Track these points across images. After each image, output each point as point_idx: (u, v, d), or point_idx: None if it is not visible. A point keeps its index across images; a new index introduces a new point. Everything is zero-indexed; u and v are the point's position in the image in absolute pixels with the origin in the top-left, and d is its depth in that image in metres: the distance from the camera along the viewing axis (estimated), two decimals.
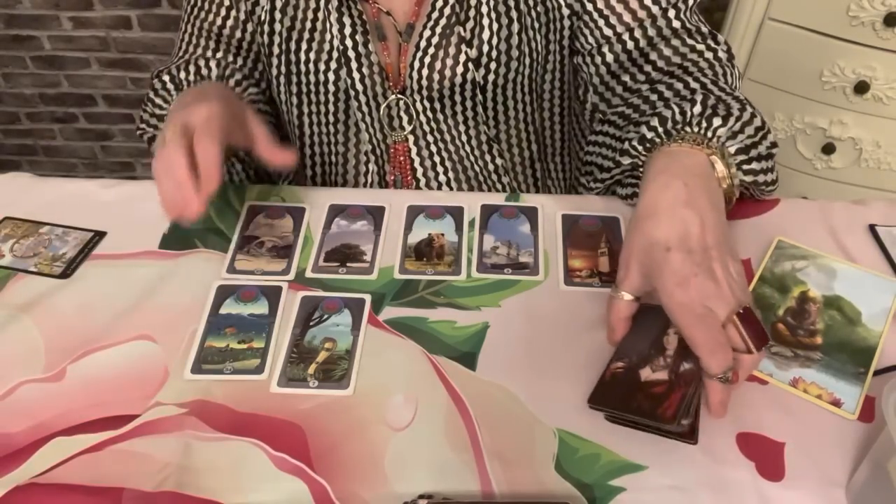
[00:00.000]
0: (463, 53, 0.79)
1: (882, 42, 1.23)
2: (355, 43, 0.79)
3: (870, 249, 0.72)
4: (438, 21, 0.79)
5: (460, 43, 0.79)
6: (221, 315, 0.66)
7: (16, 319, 0.65)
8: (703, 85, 0.70)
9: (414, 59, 0.80)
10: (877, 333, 0.64)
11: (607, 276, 0.69)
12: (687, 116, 0.64)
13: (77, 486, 0.54)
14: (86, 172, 2.18)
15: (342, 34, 0.79)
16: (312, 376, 0.61)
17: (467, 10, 0.78)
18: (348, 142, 0.87)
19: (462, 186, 0.88)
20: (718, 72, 0.73)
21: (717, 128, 0.63)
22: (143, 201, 0.77)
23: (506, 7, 0.79)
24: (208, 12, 0.84)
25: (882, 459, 0.49)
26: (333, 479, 0.54)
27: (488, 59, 0.80)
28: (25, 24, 1.84)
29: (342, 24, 0.79)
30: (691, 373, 0.55)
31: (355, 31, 0.79)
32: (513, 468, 0.55)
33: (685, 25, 0.76)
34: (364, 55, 0.80)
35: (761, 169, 0.65)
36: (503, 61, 0.81)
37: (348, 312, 0.66)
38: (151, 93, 0.84)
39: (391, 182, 0.88)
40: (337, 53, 0.80)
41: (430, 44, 0.79)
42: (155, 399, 0.59)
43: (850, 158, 1.37)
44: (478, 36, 0.79)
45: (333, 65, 0.81)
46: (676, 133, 0.64)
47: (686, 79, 0.72)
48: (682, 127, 0.64)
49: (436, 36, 0.79)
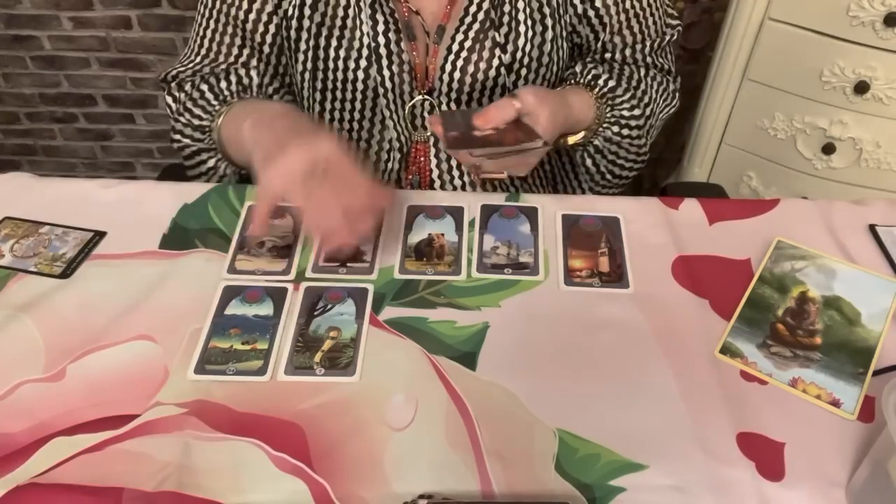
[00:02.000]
0: (496, 58, 0.80)
1: (882, 42, 1.23)
2: (387, 40, 0.79)
3: (870, 249, 0.72)
4: (472, 25, 0.79)
5: (494, 48, 0.80)
6: (227, 316, 0.66)
7: (16, 319, 0.65)
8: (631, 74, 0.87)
9: (445, 61, 0.80)
10: (876, 334, 0.64)
11: (607, 277, 0.69)
12: (600, 80, 0.85)
13: (77, 486, 0.54)
14: (86, 172, 2.18)
15: (374, 31, 0.79)
16: (319, 364, 0.61)
17: (501, 15, 0.79)
18: (371, 139, 0.86)
19: (476, 190, 0.89)
20: (657, 79, 0.90)
21: (609, 88, 0.85)
22: (143, 201, 0.77)
23: (541, 14, 0.80)
24: (238, 8, 0.81)
25: (882, 459, 0.49)
26: (333, 479, 0.54)
27: (520, 66, 0.81)
28: (25, 24, 1.84)
29: (375, 20, 0.78)
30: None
31: (388, 29, 0.79)
32: (513, 468, 0.55)
33: (655, 61, 0.91)
34: (395, 53, 0.80)
35: (619, 132, 0.86)
36: (534, 67, 0.82)
37: (352, 302, 0.67)
38: (188, 101, 0.82)
39: (408, 182, 0.88)
40: (367, 51, 0.79)
41: (462, 47, 0.80)
42: (155, 399, 0.59)
43: (850, 158, 1.37)
44: (513, 42, 0.80)
45: (363, 62, 0.80)
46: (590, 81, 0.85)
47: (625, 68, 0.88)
48: (591, 80, 0.85)
49: (469, 40, 0.80)
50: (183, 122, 0.83)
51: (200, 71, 0.84)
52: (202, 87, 0.81)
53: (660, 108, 0.92)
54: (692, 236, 0.74)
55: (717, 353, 0.63)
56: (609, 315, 0.66)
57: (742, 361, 0.62)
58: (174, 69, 0.85)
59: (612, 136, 0.86)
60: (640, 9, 0.85)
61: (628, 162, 0.89)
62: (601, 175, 0.91)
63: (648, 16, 0.87)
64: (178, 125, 0.84)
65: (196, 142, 0.83)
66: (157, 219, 0.75)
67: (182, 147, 0.84)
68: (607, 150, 0.87)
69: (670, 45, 0.92)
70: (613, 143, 0.87)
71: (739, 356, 0.63)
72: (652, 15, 0.87)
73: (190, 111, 0.82)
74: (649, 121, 0.89)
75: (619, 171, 0.90)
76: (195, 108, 0.81)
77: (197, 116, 0.81)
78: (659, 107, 0.92)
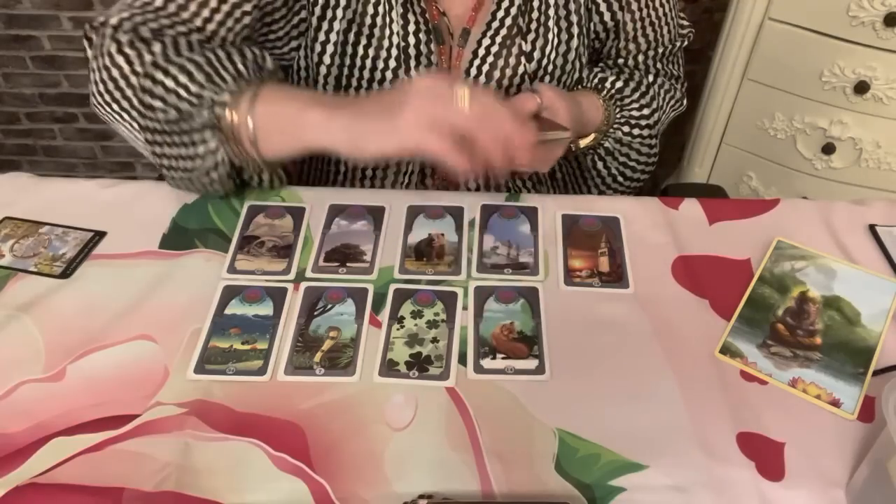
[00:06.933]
0: (522, 66, 0.80)
1: (882, 42, 1.23)
2: (417, 41, 0.79)
3: (870, 249, 0.72)
4: (499, 31, 0.79)
5: (520, 55, 0.80)
6: (227, 315, 0.66)
7: (16, 319, 0.65)
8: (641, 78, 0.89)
9: (470, 65, 0.80)
10: (876, 334, 0.64)
11: (607, 276, 0.69)
12: (607, 82, 0.87)
13: (77, 486, 0.54)
14: (86, 172, 2.18)
15: (405, 31, 0.78)
16: (318, 364, 0.61)
17: (529, 22, 0.79)
18: None
19: (501, 191, 0.89)
20: (664, 86, 0.91)
21: (617, 89, 0.87)
22: (143, 201, 0.77)
23: (568, 22, 0.81)
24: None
25: (882, 459, 0.49)
26: (333, 479, 0.54)
27: (544, 73, 0.82)
28: (25, 24, 1.84)
29: (406, 20, 0.78)
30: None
31: (419, 30, 0.79)
32: (513, 468, 0.55)
33: (664, 68, 0.93)
34: (424, 55, 0.79)
35: (629, 133, 0.88)
36: (557, 75, 0.83)
37: (352, 302, 0.67)
38: (186, 63, 0.69)
39: (435, 183, 0.88)
40: (397, 51, 0.79)
41: (488, 52, 0.80)
42: (155, 399, 0.59)
43: (850, 158, 1.37)
44: (540, 49, 0.81)
45: (392, 63, 0.80)
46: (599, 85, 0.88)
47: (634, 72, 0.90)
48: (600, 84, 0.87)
49: (495, 45, 0.80)
50: (162, 83, 0.69)
51: (173, 27, 0.73)
52: (209, 55, 0.71)
53: (666, 113, 0.93)
54: (692, 236, 0.74)
55: (717, 353, 0.63)
56: (609, 315, 0.66)
57: (742, 361, 0.62)
58: (126, 12, 0.73)
59: (622, 137, 0.86)
60: (655, 17, 0.86)
61: (640, 164, 0.90)
62: (612, 178, 0.91)
63: (664, 24, 0.88)
64: (146, 82, 0.70)
65: (183, 111, 0.69)
66: (156, 219, 0.75)
67: (154, 110, 0.70)
68: (618, 151, 0.88)
69: (681, 51, 0.93)
70: (624, 143, 0.87)
71: (739, 356, 0.63)
72: (667, 24, 0.88)
73: (190, 75, 0.69)
74: (658, 124, 0.89)
75: (630, 172, 0.90)
76: (198, 73, 0.69)
77: (196, 83, 0.69)
78: (665, 112, 0.92)
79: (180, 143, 0.70)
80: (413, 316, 0.65)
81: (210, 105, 0.68)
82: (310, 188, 0.79)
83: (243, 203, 0.77)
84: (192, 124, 0.69)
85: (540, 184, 0.93)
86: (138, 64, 0.71)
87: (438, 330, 0.64)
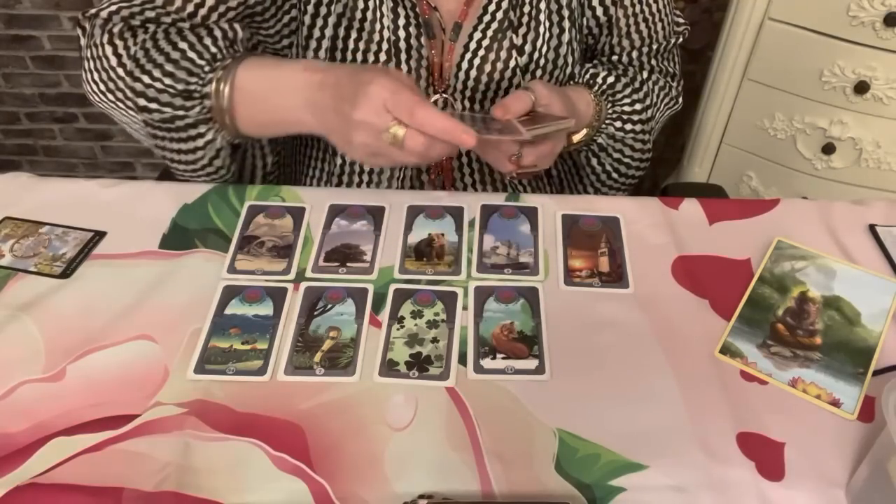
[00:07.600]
0: (513, 59, 0.80)
1: (882, 42, 1.23)
2: (407, 35, 0.79)
3: (870, 249, 0.72)
4: (490, 24, 0.79)
5: (511, 49, 0.80)
6: (226, 315, 0.66)
7: (16, 319, 0.65)
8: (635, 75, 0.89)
9: (462, 59, 0.80)
10: (876, 334, 0.64)
11: (607, 276, 0.69)
12: (598, 77, 0.87)
13: (77, 486, 0.54)
14: (86, 172, 2.18)
15: (395, 25, 0.78)
16: (318, 364, 0.61)
17: (521, 16, 0.79)
18: None
19: (486, 188, 0.89)
20: (659, 83, 0.91)
21: (609, 84, 0.86)
22: (143, 201, 0.77)
23: (559, 17, 0.81)
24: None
25: (882, 459, 0.49)
26: (333, 479, 0.54)
27: (535, 67, 0.82)
28: (25, 24, 1.84)
29: (396, 14, 0.78)
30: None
31: (408, 24, 0.79)
32: (513, 468, 0.55)
33: (659, 65, 0.93)
34: (415, 48, 0.79)
35: (622, 127, 0.87)
36: (549, 69, 0.83)
37: (352, 302, 0.67)
38: (166, 62, 0.71)
39: (431, 181, 0.87)
40: (387, 45, 0.79)
41: (479, 46, 0.80)
42: (155, 399, 0.59)
43: (850, 158, 1.37)
44: (531, 42, 0.81)
45: (383, 56, 0.79)
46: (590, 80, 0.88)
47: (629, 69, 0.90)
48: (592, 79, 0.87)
49: (486, 39, 0.80)
50: (152, 86, 0.71)
51: (161, 18, 0.74)
52: (182, 46, 0.71)
53: (660, 110, 0.93)
54: (692, 236, 0.74)
55: (717, 353, 0.63)
56: (609, 315, 0.66)
57: (742, 361, 0.62)
58: (117, 4, 0.74)
59: (615, 133, 0.86)
60: (649, 13, 0.86)
61: (634, 161, 0.90)
62: (607, 175, 0.91)
63: (658, 20, 0.87)
64: (136, 85, 0.71)
65: (177, 109, 0.72)
66: (156, 219, 0.75)
67: (151, 111, 0.72)
68: (612, 147, 0.88)
69: (676, 48, 0.93)
70: (617, 139, 0.87)
71: (739, 356, 0.63)
72: (662, 20, 0.88)
73: (172, 75, 0.71)
74: (651, 120, 0.89)
75: (624, 169, 0.90)
76: (178, 71, 0.71)
77: (181, 80, 0.71)
78: (660, 110, 0.92)
79: (178, 138, 0.74)
80: (413, 316, 0.65)
81: (199, 98, 0.72)
82: (310, 188, 0.80)
83: (243, 203, 0.77)
84: (186, 121, 0.73)
85: (537, 181, 0.93)
86: (126, 57, 0.73)
87: (438, 330, 0.64)
